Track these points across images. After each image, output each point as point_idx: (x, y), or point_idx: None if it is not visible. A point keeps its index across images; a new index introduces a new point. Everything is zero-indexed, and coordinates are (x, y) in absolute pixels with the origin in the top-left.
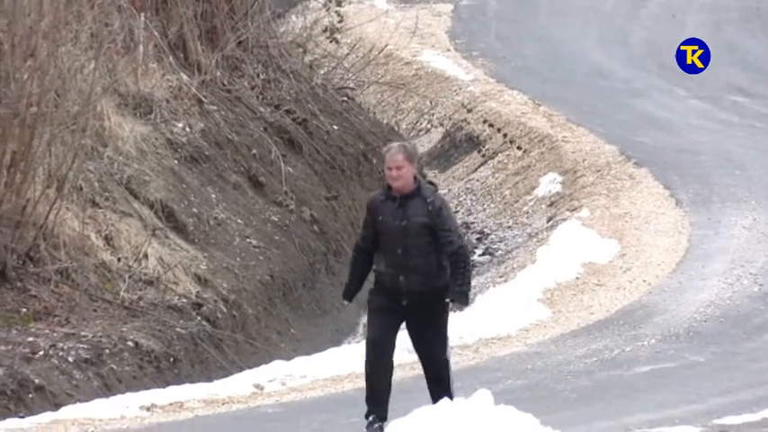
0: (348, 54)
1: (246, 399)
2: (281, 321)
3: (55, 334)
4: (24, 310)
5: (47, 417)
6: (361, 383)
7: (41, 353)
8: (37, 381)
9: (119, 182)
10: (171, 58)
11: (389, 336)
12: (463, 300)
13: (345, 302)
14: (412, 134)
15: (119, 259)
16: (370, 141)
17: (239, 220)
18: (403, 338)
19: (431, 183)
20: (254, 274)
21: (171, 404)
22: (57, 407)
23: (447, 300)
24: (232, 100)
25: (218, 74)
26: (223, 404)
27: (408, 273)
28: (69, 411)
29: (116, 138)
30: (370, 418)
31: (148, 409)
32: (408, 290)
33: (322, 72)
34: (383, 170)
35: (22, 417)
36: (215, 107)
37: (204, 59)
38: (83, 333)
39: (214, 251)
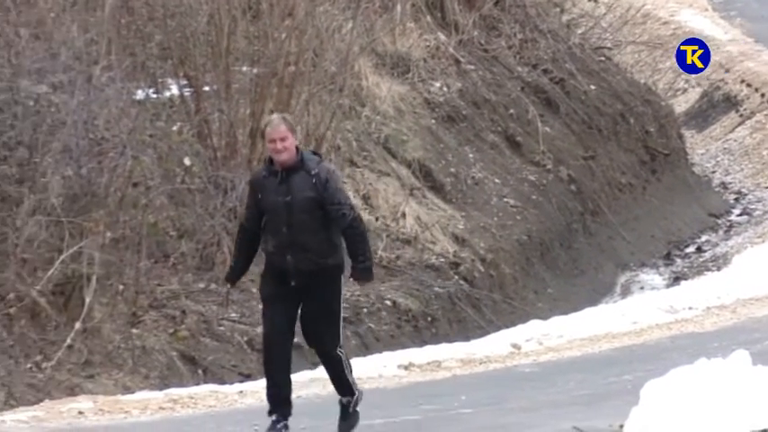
0: (605, 14)
1: (504, 358)
2: (538, 281)
3: None
4: None
5: (305, 375)
6: (619, 343)
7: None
8: (295, 340)
9: (376, 141)
10: (428, 17)
11: (283, 329)
12: (368, 276)
13: (228, 286)
14: (669, 94)
15: (377, 218)
16: (627, 101)
17: (496, 180)
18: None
19: (315, 153)
20: (511, 233)
21: (428, 363)
22: (314, 365)
23: (351, 279)
24: (489, 59)
25: (476, 33)
26: (480, 364)
27: (296, 251)
28: None
29: (374, 97)
30: (274, 417)
31: (406, 368)
32: (297, 269)
33: (579, 32)
34: (637, 130)
35: None
36: (472, 67)
37: (461, 19)
38: None
39: (471, 210)
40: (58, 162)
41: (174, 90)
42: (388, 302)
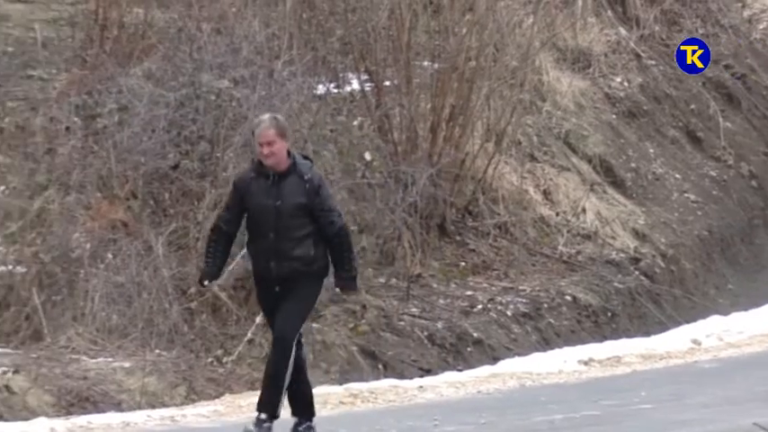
0: None
1: (684, 354)
2: (718, 276)
3: (493, 288)
4: (463, 263)
5: (485, 370)
6: None
7: (480, 306)
8: (475, 334)
9: (557, 136)
10: (609, 12)
11: None
12: (353, 286)
13: (205, 283)
14: None
15: (557, 213)
16: None
17: (677, 175)
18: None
19: (306, 157)
20: (691, 228)
21: (608, 359)
22: (494, 360)
23: (336, 289)
24: (670, 54)
25: (657, 28)
26: (660, 359)
27: (280, 259)
28: (507, 365)
29: (554, 92)
30: (262, 416)
31: (586, 364)
32: (279, 277)
33: (761, 27)
34: None
35: (460, 370)
36: (653, 62)
37: (642, 14)
38: (521, 287)
39: (652, 206)
40: (240, 156)
41: (355, 85)
42: (569, 297)
